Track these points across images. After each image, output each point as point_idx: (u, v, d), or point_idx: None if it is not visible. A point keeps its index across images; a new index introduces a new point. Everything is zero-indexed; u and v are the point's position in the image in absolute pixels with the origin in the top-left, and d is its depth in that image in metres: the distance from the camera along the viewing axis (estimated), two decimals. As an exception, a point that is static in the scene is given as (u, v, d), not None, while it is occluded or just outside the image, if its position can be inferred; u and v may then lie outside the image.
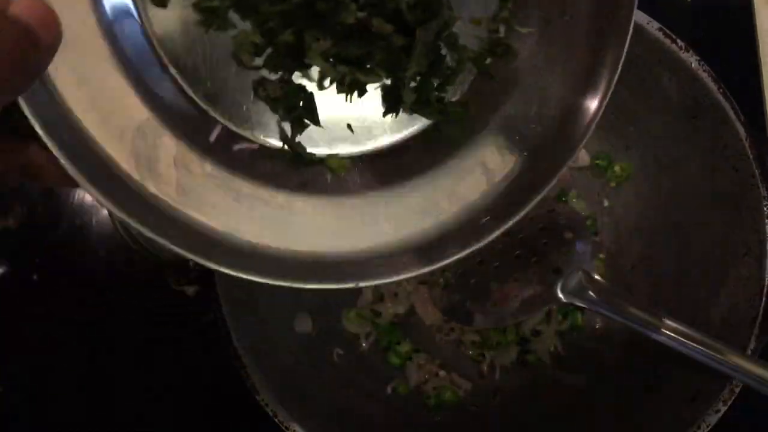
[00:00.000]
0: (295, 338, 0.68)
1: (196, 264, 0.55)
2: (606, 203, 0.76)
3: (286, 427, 0.55)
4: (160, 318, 0.76)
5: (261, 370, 0.56)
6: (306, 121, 0.43)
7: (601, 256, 0.75)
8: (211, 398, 0.74)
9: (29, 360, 0.76)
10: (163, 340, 0.76)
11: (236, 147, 0.43)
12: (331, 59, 0.41)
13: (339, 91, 0.42)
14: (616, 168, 0.74)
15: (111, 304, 0.77)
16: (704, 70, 0.61)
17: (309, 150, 0.43)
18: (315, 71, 0.42)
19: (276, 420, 0.55)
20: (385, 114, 0.44)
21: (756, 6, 0.85)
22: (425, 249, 0.42)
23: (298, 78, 0.42)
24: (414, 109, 0.43)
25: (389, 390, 0.71)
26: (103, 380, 0.75)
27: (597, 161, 0.74)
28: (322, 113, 0.43)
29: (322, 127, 0.44)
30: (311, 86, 0.42)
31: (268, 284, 0.39)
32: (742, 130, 0.60)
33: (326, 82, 0.41)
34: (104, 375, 0.76)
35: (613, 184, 0.74)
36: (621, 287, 0.73)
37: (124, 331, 0.76)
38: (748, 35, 0.85)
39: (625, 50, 0.40)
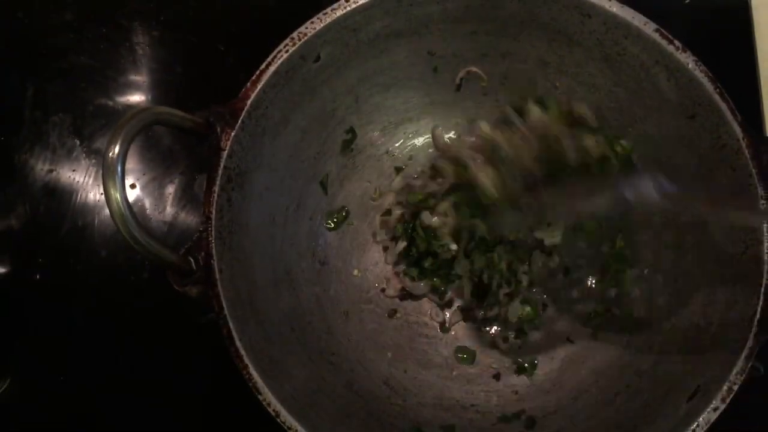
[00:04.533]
0: (297, 339, 0.68)
1: (199, 265, 0.56)
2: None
3: (288, 427, 0.55)
4: (161, 318, 0.76)
5: (263, 371, 0.56)
6: None
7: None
8: (213, 398, 0.75)
9: (31, 357, 0.77)
10: (164, 339, 0.76)
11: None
12: None
13: None
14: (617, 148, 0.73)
15: (112, 303, 0.78)
16: (701, 71, 0.61)
17: None
18: None
19: (278, 420, 0.55)
20: None
21: (753, 6, 0.86)
22: None
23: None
24: None
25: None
26: (104, 379, 0.76)
27: None
28: None
29: None
30: None
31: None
32: (739, 130, 0.60)
33: None
34: (105, 374, 0.76)
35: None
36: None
37: (125, 331, 0.77)
38: (746, 35, 0.85)
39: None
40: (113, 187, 0.48)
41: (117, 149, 0.48)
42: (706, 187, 0.64)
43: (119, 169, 0.48)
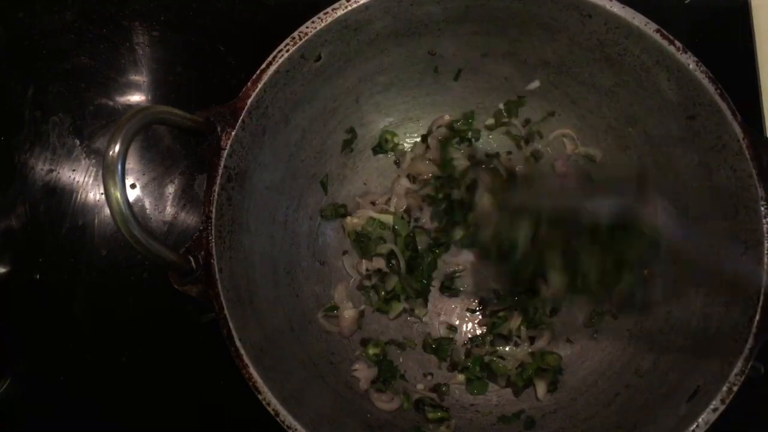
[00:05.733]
0: (297, 339, 0.68)
1: (199, 264, 0.56)
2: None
3: (288, 426, 0.55)
4: (161, 318, 0.76)
5: (263, 370, 0.56)
6: None
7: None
8: (213, 397, 0.75)
9: (31, 356, 0.77)
10: (164, 339, 0.76)
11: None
12: None
13: None
14: None
15: (112, 303, 0.78)
16: (702, 71, 0.61)
17: None
18: None
19: (277, 419, 0.55)
20: None
21: (753, 6, 0.86)
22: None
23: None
24: None
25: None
26: (104, 378, 0.76)
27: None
28: None
29: None
30: None
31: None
32: (739, 131, 0.60)
33: None
34: (105, 373, 0.76)
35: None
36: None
37: (125, 331, 0.77)
38: (746, 35, 0.85)
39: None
40: (113, 185, 0.48)
41: (117, 148, 0.48)
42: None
43: (119, 167, 0.48)
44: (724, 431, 0.57)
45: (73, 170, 0.82)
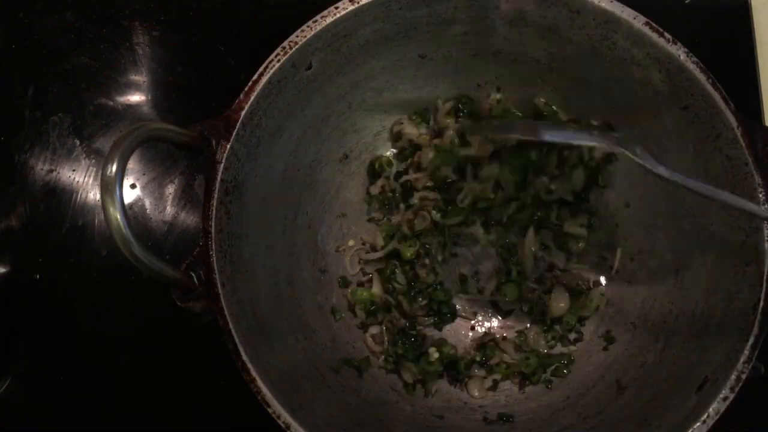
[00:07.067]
0: (303, 349, 0.68)
1: (201, 280, 0.56)
2: (603, 196, 0.76)
3: (287, 426, 0.55)
4: (162, 317, 0.76)
5: (271, 383, 0.56)
6: None
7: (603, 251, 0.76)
8: (213, 397, 0.74)
9: (31, 356, 0.77)
10: (165, 339, 0.76)
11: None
12: None
13: None
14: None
15: (113, 303, 0.78)
16: (693, 62, 0.61)
17: None
18: None
19: (279, 422, 0.55)
20: None
21: (753, 6, 0.86)
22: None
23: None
24: None
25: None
26: (104, 378, 0.76)
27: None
28: None
29: None
30: None
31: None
32: (732, 119, 0.60)
33: None
34: (105, 373, 0.76)
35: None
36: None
37: (125, 331, 0.77)
38: (746, 35, 0.85)
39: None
40: (112, 205, 0.48)
41: (114, 168, 0.48)
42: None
43: (117, 188, 0.48)
44: (725, 431, 0.56)
45: (73, 170, 0.82)
